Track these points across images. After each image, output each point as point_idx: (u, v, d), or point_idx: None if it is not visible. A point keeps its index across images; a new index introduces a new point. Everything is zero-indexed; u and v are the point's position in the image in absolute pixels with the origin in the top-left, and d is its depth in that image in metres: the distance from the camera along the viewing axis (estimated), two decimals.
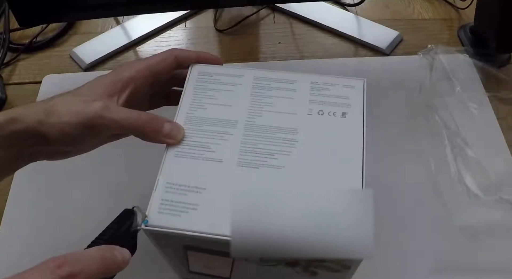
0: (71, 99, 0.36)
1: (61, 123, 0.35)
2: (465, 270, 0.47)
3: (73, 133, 0.35)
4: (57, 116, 0.35)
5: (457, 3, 0.74)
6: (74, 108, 0.35)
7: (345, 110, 0.38)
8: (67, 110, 0.35)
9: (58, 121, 0.35)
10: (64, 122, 0.35)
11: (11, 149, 0.36)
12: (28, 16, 0.57)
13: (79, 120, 0.35)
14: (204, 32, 0.72)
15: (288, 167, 0.35)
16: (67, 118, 0.35)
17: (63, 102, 0.36)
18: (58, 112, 0.35)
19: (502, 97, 0.60)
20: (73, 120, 0.35)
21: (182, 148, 0.36)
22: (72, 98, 0.37)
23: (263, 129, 0.37)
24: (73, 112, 0.35)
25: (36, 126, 0.35)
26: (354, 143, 0.36)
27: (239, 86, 0.40)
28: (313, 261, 0.34)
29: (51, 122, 0.35)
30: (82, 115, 0.35)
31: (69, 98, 0.37)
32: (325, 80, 0.40)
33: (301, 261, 0.35)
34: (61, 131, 0.35)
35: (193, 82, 0.40)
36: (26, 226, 0.52)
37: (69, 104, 0.36)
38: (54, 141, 0.35)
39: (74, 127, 0.35)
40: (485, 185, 0.51)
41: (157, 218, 0.33)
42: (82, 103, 0.36)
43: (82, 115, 0.35)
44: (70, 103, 0.36)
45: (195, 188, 0.34)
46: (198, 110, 0.38)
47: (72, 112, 0.35)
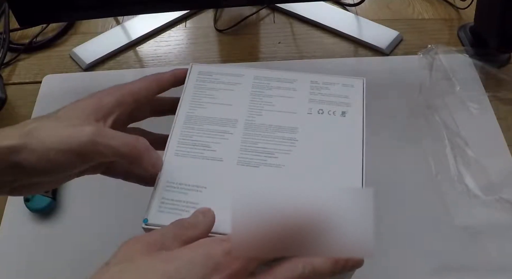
0: (54, 124, 0.32)
1: (45, 149, 0.30)
2: (465, 270, 0.47)
3: (59, 160, 0.31)
4: (39, 142, 0.30)
5: (457, 3, 0.74)
6: (61, 133, 0.31)
7: (344, 109, 0.38)
8: (52, 135, 0.31)
9: (41, 147, 0.30)
10: (50, 148, 0.30)
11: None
12: (28, 16, 0.57)
13: (68, 146, 0.31)
14: (204, 32, 0.72)
15: (288, 166, 0.35)
16: (53, 144, 0.31)
17: (45, 126, 0.32)
18: (41, 137, 0.31)
19: (502, 97, 0.60)
20: (61, 146, 0.31)
21: (182, 147, 0.36)
22: (54, 122, 0.32)
23: (263, 128, 0.37)
24: (61, 137, 0.31)
25: (6, 153, 0.30)
26: (353, 142, 0.36)
27: (239, 85, 0.40)
28: None
29: (31, 148, 0.30)
30: (71, 140, 0.31)
31: (51, 123, 0.32)
32: (324, 80, 0.40)
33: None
34: (43, 157, 0.30)
35: (193, 82, 0.40)
36: (26, 226, 0.52)
37: (53, 128, 0.32)
38: (30, 170, 0.31)
39: (62, 154, 0.31)
40: (485, 185, 0.51)
41: (157, 216, 0.33)
42: (70, 128, 0.32)
43: (71, 140, 0.31)
44: (54, 127, 0.32)
45: (195, 187, 0.34)
46: (198, 109, 0.38)
47: (59, 137, 0.31)
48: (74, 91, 0.64)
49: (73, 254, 0.49)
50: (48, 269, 0.48)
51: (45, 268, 0.49)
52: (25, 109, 0.63)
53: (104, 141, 0.32)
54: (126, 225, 0.37)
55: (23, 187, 0.33)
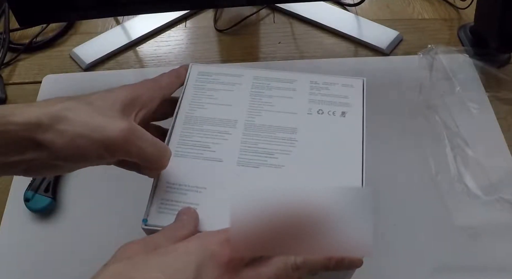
0: (87, 109, 0.31)
1: (73, 134, 0.29)
2: (465, 270, 0.47)
3: (87, 149, 0.29)
4: (69, 124, 0.29)
5: (457, 3, 0.74)
6: (94, 121, 0.30)
7: (344, 110, 0.38)
8: (84, 120, 0.29)
9: (69, 130, 0.29)
10: (78, 133, 0.29)
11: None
12: (28, 16, 0.57)
13: (99, 137, 0.29)
14: (204, 32, 0.72)
15: (288, 166, 0.35)
16: (82, 130, 0.29)
17: (78, 109, 0.30)
18: (71, 119, 0.29)
19: (502, 97, 0.60)
20: (92, 134, 0.29)
21: (182, 148, 0.36)
22: (87, 107, 0.31)
23: (263, 128, 0.37)
24: (92, 125, 0.29)
25: (32, 130, 0.28)
26: (353, 142, 0.36)
27: (239, 85, 0.40)
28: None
29: (59, 129, 0.29)
30: (104, 132, 0.29)
31: (85, 107, 0.31)
32: (324, 80, 0.40)
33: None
34: (71, 142, 0.29)
35: (193, 82, 0.40)
36: (26, 226, 0.52)
37: (86, 113, 0.30)
38: (54, 152, 0.29)
39: (92, 143, 0.29)
40: (485, 185, 0.51)
41: (157, 217, 0.33)
42: (104, 117, 0.30)
43: (104, 132, 0.29)
44: (87, 113, 0.30)
45: (195, 188, 0.34)
46: (198, 109, 0.38)
47: (91, 124, 0.29)
48: (74, 91, 0.63)
49: (73, 254, 0.49)
50: (48, 269, 0.48)
51: (45, 268, 0.49)
52: None
53: (136, 141, 0.31)
54: (126, 225, 0.37)
55: (41, 167, 0.31)
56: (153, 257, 0.27)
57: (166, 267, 0.26)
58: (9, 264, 0.49)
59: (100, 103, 0.32)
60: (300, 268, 0.29)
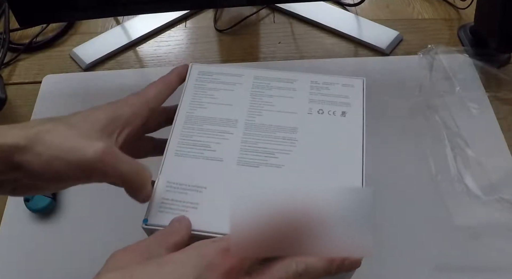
0: (64, 130, 0.30)
1: (50, 156, 0.29)
2: (465, 269, 0.47)
3: (62, 170, 0.29)
4: (45, 146, 0.29)
5: (457, 3, 0.74)
6: (70, 142, 0.29)
7: (345, 109, 0.38)
8: (60, 142, 0.29)
9: (45, 153, 0.29)
10: (54, 156, 0.29)
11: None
12: (28, 16, 0.57)
13: (73, 159, 0.29)
14: (204, 32, 0.72)
15: (288, 166, 0.35)
16: (60, 153, 0.29)
17: (56, 131, 0.30)
18: (47, 141, 0.29)
19: (502, 97, 0.60)
20: (67, 156, 0.29)
21: (183, 147, 0.36)
22: (65, 128, 0.31)
23: (263, 128, 0.37)
24: (68, 147, 0.29)
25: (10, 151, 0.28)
26: (354, 142, 0.36)
27: (239, 85, 0.40)
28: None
29: (36, 151, 0.29)
30: (79, 154, 0.29)
31: (62, 128, 0.30)
32: (324, 80, 0.40)
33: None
34: (47, 164, 0.29)
35: (193, 82, 0.40)
36: (26, 226, 0.52)
37: (63, 135, 0.30)
38: (32, 173, 0.29)
39: (67, 165, 0.29)
40: (485, 185, 0.51)
41: (157, 217, 0.33)
42: (80, 139, 0.30)
43: (79, 154, 0.29)
44: (64, 134, 0.30)
45: (195, 187, 0.34)
46: (198, 109, 0.38)
47: (66, 146, 0.29)
48: (74, 91, 0.64)
49: (73, 254, 0.49)
50: (48, 269, 0.48)
51: (45, 268, 0.49)
52: (25, 109, 0.63)
53: (113, 162, 0.30)
54: (126, 225, 0.37)
55: (24, 188, 0.32)
56: (149, 267, 0.27)
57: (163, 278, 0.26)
58: (9, 264, 0.49)
59: (80, 124, 0.32)
60: (302, 275, 0.29)
